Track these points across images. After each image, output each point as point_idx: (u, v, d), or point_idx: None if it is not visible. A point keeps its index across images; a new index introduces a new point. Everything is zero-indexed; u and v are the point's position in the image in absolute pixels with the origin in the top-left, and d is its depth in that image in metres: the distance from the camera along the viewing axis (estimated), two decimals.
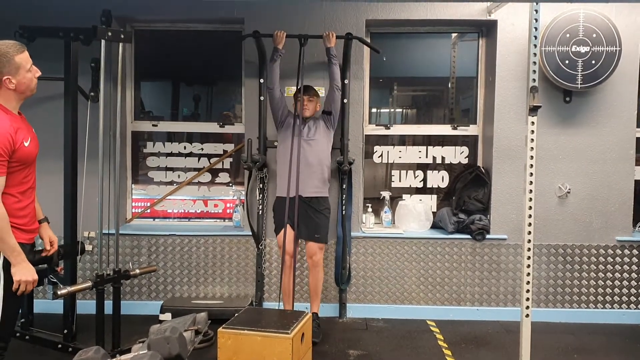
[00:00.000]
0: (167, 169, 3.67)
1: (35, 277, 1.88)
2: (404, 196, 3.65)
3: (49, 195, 3.27)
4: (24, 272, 1.84)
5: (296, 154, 2.95)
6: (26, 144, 1.89)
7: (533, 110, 2.36)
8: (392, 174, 3.68)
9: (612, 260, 3.38)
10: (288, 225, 2.98)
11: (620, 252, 3.38)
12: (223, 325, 2.47)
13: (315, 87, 3.20)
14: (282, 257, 3.02)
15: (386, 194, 3.56)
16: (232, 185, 3.68)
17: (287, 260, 3.03)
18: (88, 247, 3.34)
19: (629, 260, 3.38)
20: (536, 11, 2.34)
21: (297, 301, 3.42)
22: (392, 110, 3.87)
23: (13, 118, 1.87)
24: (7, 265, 1.83)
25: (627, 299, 3.40)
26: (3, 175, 1.79)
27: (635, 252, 3.37)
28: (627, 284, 3.39)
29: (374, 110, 3.71)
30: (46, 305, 3.20)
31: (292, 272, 3.05)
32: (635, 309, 3.39)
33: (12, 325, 1.96)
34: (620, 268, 3.39)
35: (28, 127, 1.98)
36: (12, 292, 1.85)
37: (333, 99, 3.09)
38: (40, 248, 2.24)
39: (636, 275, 3.38)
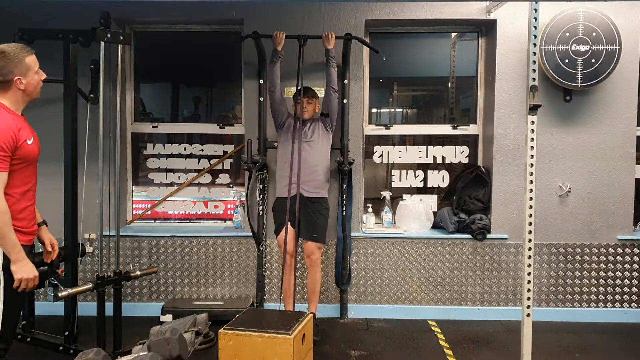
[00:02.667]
0: (167, 170, 3.67)
1: (36, 274, 1.88)
2: (405, 196, 3.65)
3: (50, 197, 3.28)
4: (25, 270, 1.84)
5: (297, 156, 2.96)
6: (29, 142, 1.91)
7: (533, 109, 2.35)
8: (393, 174, 3.67)
9: (613, 259, 3.38)
10: (289, 224, 2.98)
11: (622, 251, 3.37)
12: (224, 327, 2.47)
13: (314, 88, 3.20)
14: (283, 256, 3.02)
15: (387, 194, 3.56)
16: (232, 186, 3.68)
17: (288, 259, 3.04)
18: (89, 249, 3.33)
19: (630, 259, 3.38)
20: (535, 10, 2.33)
21: (298, 302, 3.41)
22: (392, 110, 3.87)
23: (16, 117, 1.90)
24: (7, 266, 1.83)
25: (628, 298, 3.39)
26: (5, 171, 1.80)
27: (636, 250, 3.37)
28: (629, 282, 3.39)
29: (374, 110, 3.71)
30: (47, 307, 3.20)
31: (292, 271, 3.05)
32: (636, 307, 3.38)
33: (14, 326, 1.96)
34: (621, 267, 3.38)
35: (30, 129, 2.00)
36: (13, 293, 1.84)
37: (330, 101, 3.09)
38: (40, 250, 2.23)
39: (637, 274, 3.38)
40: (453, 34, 3.65)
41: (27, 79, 1.90)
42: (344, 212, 3.31)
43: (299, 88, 3.06)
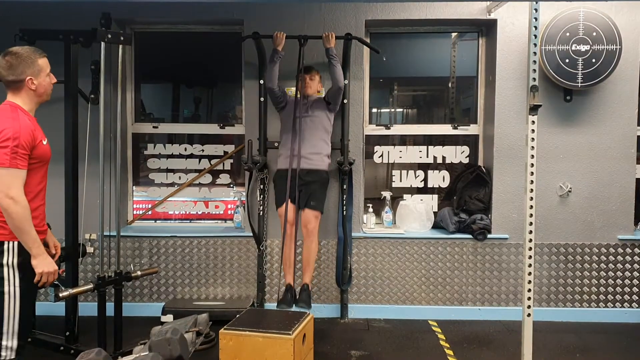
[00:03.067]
0: (167, 170, 3.68)
1: (56, 268, 1.92)
2: (405, 196, 3.65)
3: (50, 198, 3.27)
4: (46, 264, 1.88)
5: (296, 149, 2.97)
6: (44, 142, 1.97)
7: (533, 109, 2.35)
8: (393, 174, 3.67)
9: (613, 259, 3.38)
10: (289, 200, 2.99)
11: (622, 251, 3.37)
12: (225, 327, 2.47)
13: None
14: (284, 226, 3.00)
15: (387, 194, 3.56)
16: (232, 187, 3.68)
17: (288, 229, 3.01)
18: (89, 249, 3.32)
19: (630, 259, 3.37)
20: (536, 10, 2.33)
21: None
22: (393, 110, 3.87)
23: (31, 118, 1.96)
24: (22, 263, 1.85)
25: (629, 298, 3.39)
26: (24, 168, 1.84)
27: (637, 250, 3.37)
28: (629, 282, 3.38)
29: (374, 110, 3.71)
30: (48, 307, 3.21)
31: (293, 241, 3.02)
32: (637, 307, 3.38)
33: (29, 323, 1.97)
34: (622, 267, 3.38)
35: (41, 130, 2.06)
36: (28, 291, 1.88)
37: (335, 97, 3.11)
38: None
39: (638, 274, 3.38)
40: (453, 34, 3.65)
41: (39, 80, 1.95)
42: (345, 212, 3.31)
43: (300, 68, 3.07)
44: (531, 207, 2.39)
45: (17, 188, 1.79)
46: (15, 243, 1.83)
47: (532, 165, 2.37)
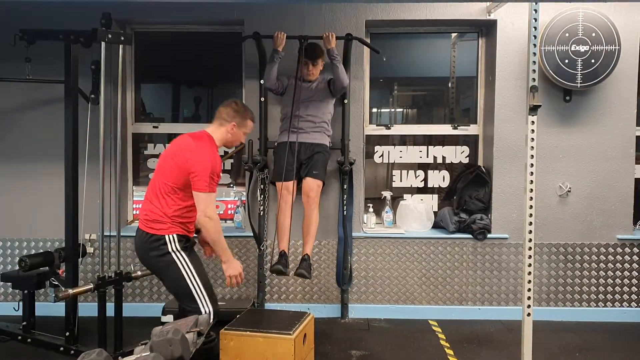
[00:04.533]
0: None
1: (241, 270, 2.29)
2: (405, 196, 3.66)
3: (50, 198, 3.29)
4: (232, 268, 2.27)
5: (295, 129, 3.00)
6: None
7: (533, 109, 2.36)
8: (393, 174, 3.68)
9: (613, 258, 3.39)
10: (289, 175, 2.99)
11: (621, 251, 3.38)
12: (225, 327, 2.47)
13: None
14: (280, 192, 2.95)
15: (387, 194, 3.57)
16: (233, 187, 3.68)
17: (285, 195, 2.96)
18: (89, 250, 3.34)
19: (629, 258, 3.38)
20: (535, 11, 2.34)
21: (299, 302, 3.42)
22: (393, 110, 3.88)
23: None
24: (183, 247, 2.21)
25: (628, 297, 3.40)
26: (215, 192, 2.23)
27: (636, 250, 3.38)
28: (628, 282, 3.39)
29: (374, 110, 3.72)
30: (48, 308, 3.20)
31: (289, 207, 2.95)
32: (636, 307, 3.39)
33: (213, 291, 2.29)
34: (621, 266, 3.39)
35: None
36: (199, 264, 2.25)
37: (338, 92, 3.12)
38: (41, 251, 2.24)
39: (637, 274, 3.39)
40: (453, 35, 3.66)
41: (237, 132, 2.32)
42: (345, 212, 3.31)
43: (304, 48, 3.04)
44: (531, 206, 2.39)
45: (212, 208, 2.19)
46: (174, 235, 2.19)
47: (532, 165, 2.38)
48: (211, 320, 2.18)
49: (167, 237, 2.20)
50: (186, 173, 2.16)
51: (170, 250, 2.19)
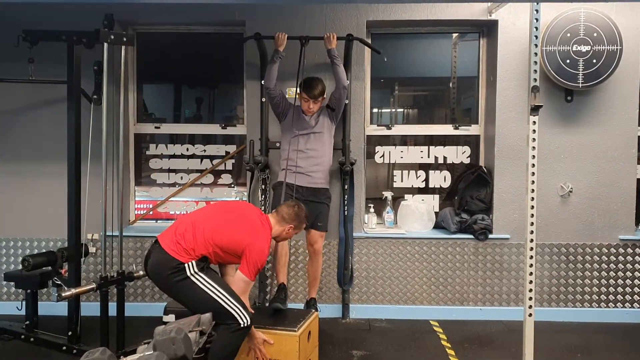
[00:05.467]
0: (169, 170, 3.68)
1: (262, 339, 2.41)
2: (406, 196, 3.66)
3: (53, 198, 3.31)
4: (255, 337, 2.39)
5: (294, 166, 2.99)
6: None
7: (534, 109, 2.36)
8: (394, 174, 3.68)
9: (614, 259, 3.38)
10: None
11: (623, 251, 3.37)
12: None
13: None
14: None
15: (388, 194, 3.57)
16: (234, 187, 3.69)
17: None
18: (92, 249, 3.35)
19: (631, 259, 3.38)
20: (537, 11, 2.34)
21: (300, 302, 3.42)
22: (394, 110, 3.88)
23: None
24: (201, 268, 2.26)
25: (630, 298, 3.39)
26: (254, 281, 2.38)
27: (638, 250, 3.37)
28: (630, 282, 3.39)
29: (375, 110, 3.72)
30: (50, 307, 3.22)
31: (286, 242, 2.92)
32: (638, 307, 3.38)
33: (240, 298, 2.31)
34: (623, 267, 3.38)
35: None
36: (216, 279, 2.30)
37: (339, 97, 3.08)
38: (44, 251, 2.25)
39: (639, 274, 3.38)
40: (454, 35, 3.66)
41: (290, 233, 2.50)
42: (346, 212, 3.32)
43: (304, 82, 3.04)
44: (532, 207, 2.39)
45: (246, 297, 2.35)
46: (193, 262, 2.25)
47: (533, 165, 2.38)
48: (247, 322, 2.24)
49: (186, 265, 2.24)
50: (240, 249, 2.28)
51: (188, 274, 2.24)
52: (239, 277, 2.30)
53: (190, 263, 2.24)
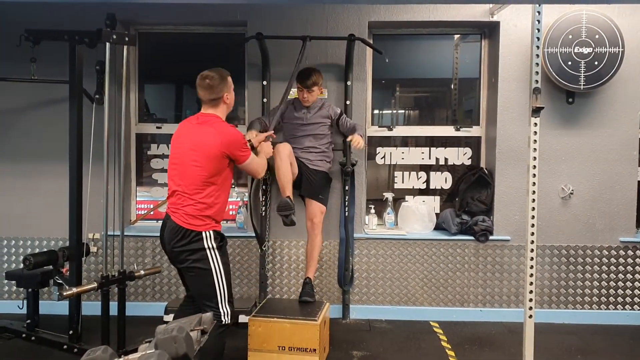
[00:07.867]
0: None
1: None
2: (407, 197, 3.66)
3: (55, 197, 3.31)
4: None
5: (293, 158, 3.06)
6: None
7: (536, 111, 2.36)
8: (395, 175, 3.68)
9: (615, 261, 3.38)
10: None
11: (624, 253, 3.37)
12: (252, 314, 2.67)
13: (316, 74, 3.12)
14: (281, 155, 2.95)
15: (389, 195, 3.57)
16: (234, 187, 3.69)
17: (285, 157, 2.97)
18: (93, 249, 3.35)
19: (632, 261, 3.38)
20: (538, 12, 2.34)
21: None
22: (395, 111, 3.88)
23: None
24: (218, 246, 2.25)
25: (630, 300, 3.39)
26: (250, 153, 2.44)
27: (638, 252, 3.37)
28: (631, 284, 3.39)
29: (376, 111, 3.72)
30: (52, 306, 3.21)
31: (289, 165, 2.97)
32: (638, 309, 3.38)
33: (232, 294, 2.34)
34: (623, 269, 3.38)
35: None
36: (227, 265, 2.29)
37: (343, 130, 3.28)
38: (45, 250, 2.26)
39: (639, 277, 3.38)
40: (456, 36, 3.66)
41: (230, 95, 2.38)
42: (347, 213, 3.32)
43: (300, 72, 3.09)
44: (533, 209, 2.39)
45: (264, 162, 2.48)
46: (211, 232, 2.23)
47: (535, 167, 2.38)
48: (228, 321, 2.23)
49: (204, 233, 2.23)
50: (219, 152, 2.24)
51: (205, 246, 2.22)
52: (246, 168, 2.40)
53: (208, 232, 2.23)
